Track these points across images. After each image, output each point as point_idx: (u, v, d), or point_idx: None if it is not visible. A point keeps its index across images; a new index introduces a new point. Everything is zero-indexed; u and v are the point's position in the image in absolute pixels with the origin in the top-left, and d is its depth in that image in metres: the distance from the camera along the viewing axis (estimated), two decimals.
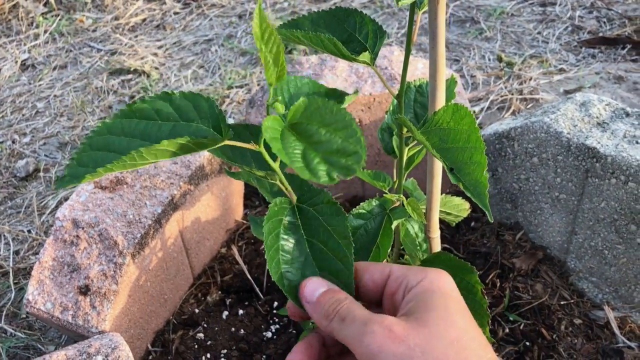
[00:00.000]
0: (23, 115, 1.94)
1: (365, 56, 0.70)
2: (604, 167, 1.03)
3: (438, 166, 0.75)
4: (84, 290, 1.00)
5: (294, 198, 0.57)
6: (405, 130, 0.75)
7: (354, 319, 0.48)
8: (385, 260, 0.73)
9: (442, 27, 0.63)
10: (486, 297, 1.00)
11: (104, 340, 0.89)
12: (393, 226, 0.75)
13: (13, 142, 1.82)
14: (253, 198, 1.45)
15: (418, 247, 0.85)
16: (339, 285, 0.52)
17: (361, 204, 0.77)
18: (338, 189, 1.39)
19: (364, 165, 0.42)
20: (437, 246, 0.82)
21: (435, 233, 0.81)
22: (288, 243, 0.54)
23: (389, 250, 0.73)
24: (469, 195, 0.60)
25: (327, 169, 0.43)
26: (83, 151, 0.47)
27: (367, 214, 0.77)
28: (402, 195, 0.79)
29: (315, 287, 0.52)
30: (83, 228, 1.03)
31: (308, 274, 0.53)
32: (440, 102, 0.70)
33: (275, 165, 0.54)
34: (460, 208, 0.91)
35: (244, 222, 1.37)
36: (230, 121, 1.70)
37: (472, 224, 1.30)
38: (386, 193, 0.80)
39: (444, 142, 0.67)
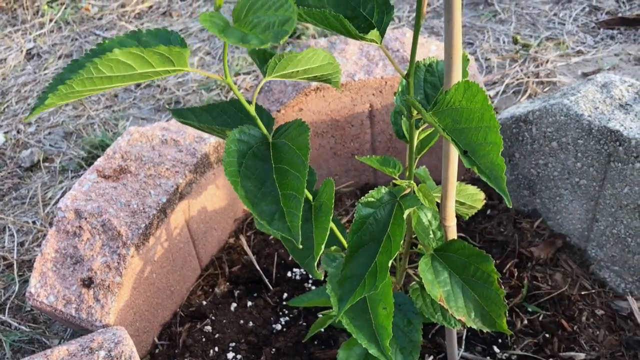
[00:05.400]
0: (28, 104, 1.91)
1: (373, 34, 0.65)
2: (628, 150, 0.98)
3: (454, 150, 0.71)
4: (87, 283, 0.97)
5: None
6: (415, 112, 0.71)
7: None
8: (397, 251, 0.68)
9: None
10: (503, 287, 0.95)
11: (107, 335, 0.85)
12: (405, 215, 0.70)
13: (18, 132, 1.79)
14: None
15: (431, 236, 0.81)
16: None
17: (370, 192, 0.72)
18: (349, 178, 1.35)
19: (293, 28, 0.42)
20: (453, 234, 0.78)
21: (452, 221, 0.76)
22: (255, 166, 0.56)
23: (401, 242, 0.69)
24: (484, 179, 0.56)
25: (259, 39, 0.45)
26: (51, 83, 0.47)
27: (376, 202, 0.72)
28: (412, 182, 0.74)
29: None
30: (86, 218, 1.00)
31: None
32: (456, 80, 0.65)
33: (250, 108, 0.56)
34: (475, 198, 0.87)
35: None
36: None
37: (488, 211, 1.25)
38: (396, 179, 0.75)
39: (456, 122, 0.62)
